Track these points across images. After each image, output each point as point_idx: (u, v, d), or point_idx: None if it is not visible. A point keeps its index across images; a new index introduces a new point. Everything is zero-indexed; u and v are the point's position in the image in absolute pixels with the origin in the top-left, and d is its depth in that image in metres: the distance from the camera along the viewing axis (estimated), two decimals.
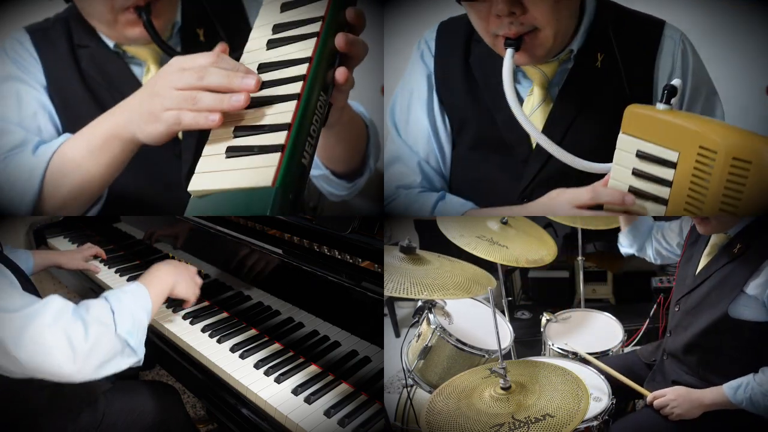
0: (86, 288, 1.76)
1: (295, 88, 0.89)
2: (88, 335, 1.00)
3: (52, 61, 1.26)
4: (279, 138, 0.84)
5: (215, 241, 1.59)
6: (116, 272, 1.74)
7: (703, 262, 1.33)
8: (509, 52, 1.15)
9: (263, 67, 0.95)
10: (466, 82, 1.33)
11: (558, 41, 1.20)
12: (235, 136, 0.89)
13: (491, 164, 1.33)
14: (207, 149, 0.90)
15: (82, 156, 1.05)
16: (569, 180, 1.23)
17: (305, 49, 0.93)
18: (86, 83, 1.25)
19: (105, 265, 1.78)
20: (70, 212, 1.13)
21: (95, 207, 1.16)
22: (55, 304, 1.02)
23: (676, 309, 1.37)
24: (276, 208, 0.78)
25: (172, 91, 0.92)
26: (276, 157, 0.82)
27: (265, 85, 0.92)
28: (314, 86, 0.90)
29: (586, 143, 1.23)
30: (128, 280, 1.66)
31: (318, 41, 0.93)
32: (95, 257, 1.78)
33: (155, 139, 0.96)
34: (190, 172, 0.91)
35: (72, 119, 1.17)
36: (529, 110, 1.28)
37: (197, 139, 1.26)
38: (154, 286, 1.18)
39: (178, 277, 1.29)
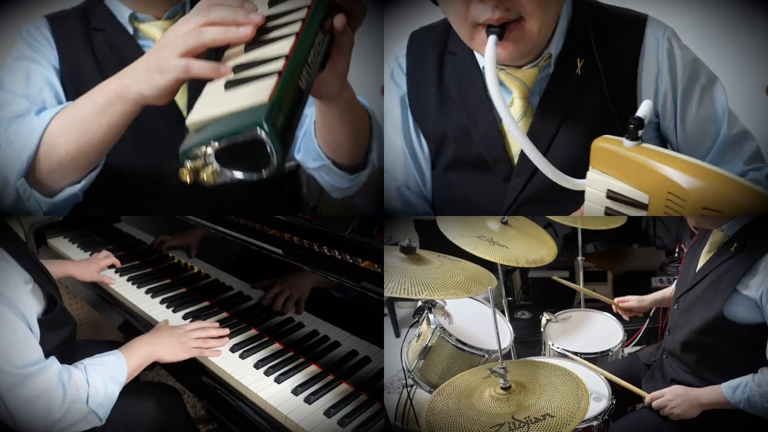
0: (99, 299, 1.74)
1: (294, 27, 0.91)
2: (64, 403, 1.08)
3: (66, 42, 1.28)
4: (277, 65, 0.86)
5: (215, 241, 1.60)
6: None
7: (702, 260, 1.33)
8: (492, 39, 1.05)
9: (265, 20, 0.97)
10: (440, 98, 1.27)
11: (540, 38, 1.14)
12: (236, 73, 0.90)
13: (472, 183, 1.29)
14: (207, 88, 0.91)
15: (82, 117, 1.05)
16: (553, 197, 1.20)
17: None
18: (99, 62, 1.28)
19: (117, 272, 1.76)
20: (66, 176, 1.11)
21: (92, 173, 1.15)
22: (53, 368, 1.10)
23: (675, 307, 1.37)
24: (270, 120, 0.78)
25: (178, 38, 0.92)
26: (273, 79, 0.83)
27: (266, 31, 0.93)
28: (312, 25, 0.91)
29: (570, 156, 1.18)
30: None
31: None
32: (111, 267, 1.77)
33: (162, 91, 0.95)
34: None
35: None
36: None
37: None
38: (132, 358, 1.24)
39: (157, 345, 1.30)
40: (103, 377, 1.16)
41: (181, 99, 1.28)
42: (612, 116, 1.14)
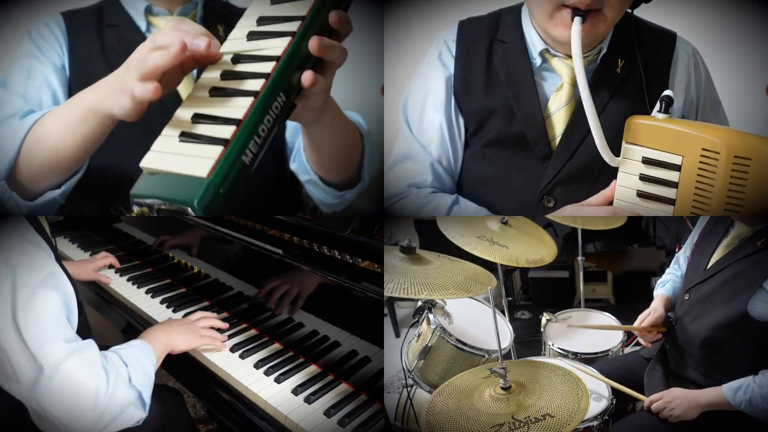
0: (99, 299, 1.73)
1: (257, 84, 0.90)
2: (108, 386, 1.01)
3: (79, 37, 1.30)
4: (227, 132, 0.86)
5: (215, 241, 1.60)
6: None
7: (720, 252, 1.31)
8: (578, 20, 1.14)
9: (238, 59, 0.96)
10: (487, 81, 1.32)
11: (607, 31, 1.22)
12: (193, 122, 0.90)
13: (508, 162, 1.32)
14: (166, 130, 0.91)
15: (60, 127, 1.04)
16: (590, 178, 1.25)
17: (278, 47, 0.93)
18: (108, 58, 1.28)
19: (117, 272, 1.75)
20: (45, 181, 1.11)
21: (73, 178, 1.15)
22: (95, 348, 1.05)
23: (686, 297, 1.35)
24: (203, 200, 0.80)
25: (138, 62, 0.92)
26: (218, 150, 0.84)
27: (234, 75, 0.93)
28: (275, 86, 0.90)
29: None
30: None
31: (291, 41, 0.93)
32: (110, 267, 1.77)
33: (127, 113, 0.94)
34: None
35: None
36: (555, 107, 1.28)
37: None
38: (154, 345, 1.20)
39: (171, 333, 1.28)
40: (138, 358, 1.11)
41: (185, 91, 1.27)
42: (646, 113, 1.18)
